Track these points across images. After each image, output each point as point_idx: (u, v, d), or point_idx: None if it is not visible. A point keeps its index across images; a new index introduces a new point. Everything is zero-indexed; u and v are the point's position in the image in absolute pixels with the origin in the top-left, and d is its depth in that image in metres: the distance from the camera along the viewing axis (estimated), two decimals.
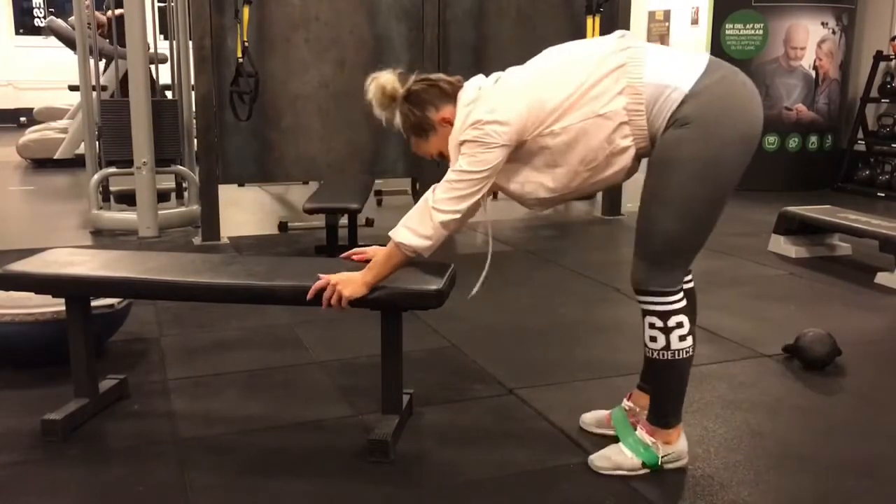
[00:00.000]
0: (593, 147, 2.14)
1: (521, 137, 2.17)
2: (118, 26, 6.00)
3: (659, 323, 2.20)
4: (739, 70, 2.19)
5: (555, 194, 2.24)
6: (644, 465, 2.31)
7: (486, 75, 2.32)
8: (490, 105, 2.17)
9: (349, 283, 2.30)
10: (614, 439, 2.41)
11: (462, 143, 2.19)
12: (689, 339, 2.22)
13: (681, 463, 2.34)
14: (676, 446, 2.32)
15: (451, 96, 2.28)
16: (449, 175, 2.21)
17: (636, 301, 2.26)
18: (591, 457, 2.37)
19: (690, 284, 2.43)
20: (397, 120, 2.35)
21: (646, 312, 2.22)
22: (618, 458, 2.33)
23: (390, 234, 2.26)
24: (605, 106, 2.11)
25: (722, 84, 2.12)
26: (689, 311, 2.26)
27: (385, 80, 2.33)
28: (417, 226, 2.24)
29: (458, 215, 2.20)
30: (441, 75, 2.36)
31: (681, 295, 2.22)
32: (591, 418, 2.57)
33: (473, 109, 2.19)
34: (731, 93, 2.13)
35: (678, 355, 2.21)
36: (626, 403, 2.50)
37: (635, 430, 2.36)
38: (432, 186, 2.25)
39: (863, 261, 4.89)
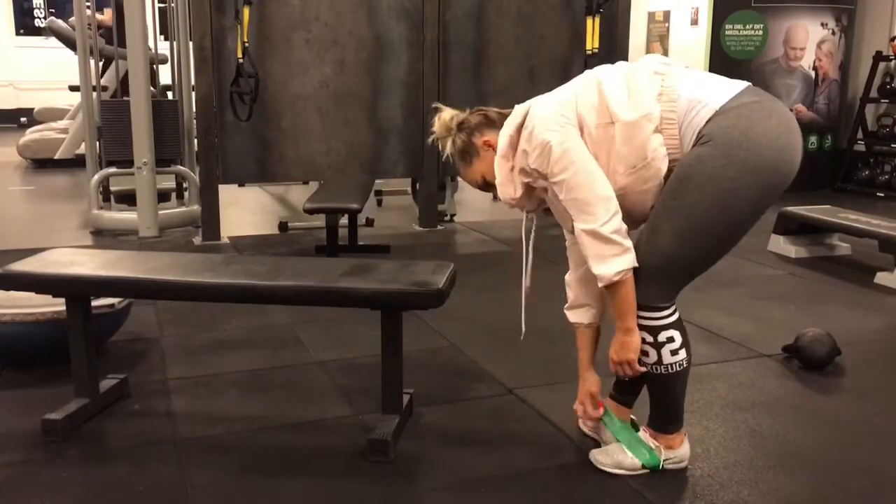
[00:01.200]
0: (635, 150, 2.10)
1: (577, 126, 2.15)
2: (118, 27, 6.01)
3: (649, 338, 2.18)
4: (780, 101, 2.15)
5: None
6: (644, 467, 2.31)
7: (487, 76, 2.34)
8: (540, 116, 2.17)
9: (623, 349, 2.20)
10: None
11: (536, 165, 2.15)
12: (682, 353, 2.20)
13: (681, 465, 2.36)
14: (679, 451, 2.34)
15: (497, 124, 2.31)
16: (566, 200, 2.13)
17: None
18: (593, 452, 2.38)
19: None
20: (449, 148, 2.38)
21: (639, 327, 2.19)
22: (619, 456, 2.33)
23: (600, 278, 2.12)
24: (642, 108, 2.09)
25: (753, 107, 2.06)
26: (683, 324, 2.24)
27: (446, 114, 2.39)
28: (604, 250, 2.09)
29: (617, 215, 2.09)
30: (496, 108, 2.40)
31: (672, 310, 2.20)
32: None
33: (526, 125, 2.19)
34: (762, 117, 2.05)
35: (671, 369, 2.21)
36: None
37: (631, 425, 2.39)
38: (575, 227, 2.15)
39: (863, 261, 4.89)
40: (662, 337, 2.17)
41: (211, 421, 2.69)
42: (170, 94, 6.82)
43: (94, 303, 2.85)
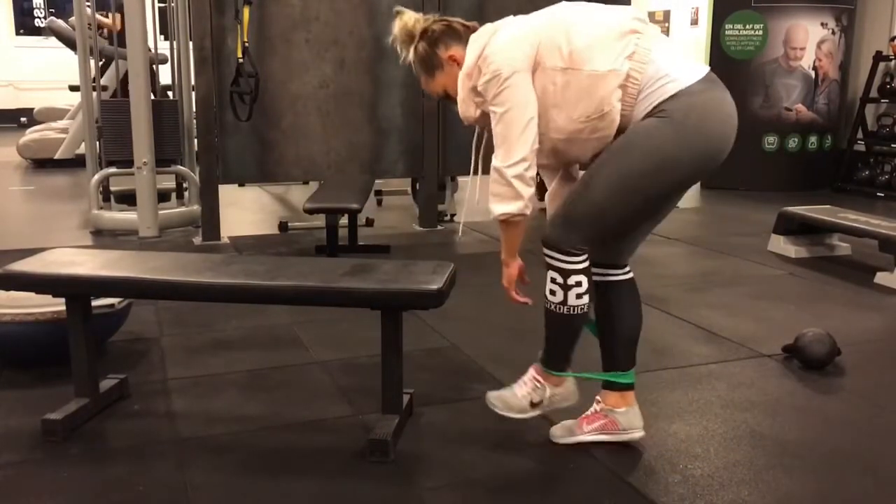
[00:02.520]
0: (594, 100, 2.16)
1: (532, 64, 2.18)
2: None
3: (559, 279, 2.28)
4: (728, 92, 2.25)
5: (560, 137, 2.24)
6: (532, 405, 2.44)
7: None
8: (500, 42, 2.22)
9: (504, 277, 2.42)
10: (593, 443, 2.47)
11: (482, 88, 2.21)
12: (586, 298, 2.31)
13: (568, 403, 2.49)
14: (560, 389, 2.47)
15: (462, 38, 2.34)
16: (494, 130, 2.23)
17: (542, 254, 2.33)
18: (489, 394, 2.53)
19: (630, 276, 2.47)
20: (411, 56, 2.39)
21: (548, 266, 2.30)
22: (509, 399, 2.48)
23: (491, 212, 2.27)
24: (613, 63, 2.13)
25: (713, 95, 2.18)
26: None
27: (408, 17, 2.38)
28: (502, 190, 2.22)
29: (525, 163, 2.19)
30: (460, 19, 2.41)
31: (584, 257, 2.28)
32: (562, 431, 2.54)
33: (487, 45, 2.22)
34: (717, 106, 2.18)
35: (573, 311, 2.31)
36: (596, 406, 2.51)
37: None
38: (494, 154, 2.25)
39: (862, 261, 4.90)
40: (572, 280, 2.27)
41: (211, 421, 2.69)
42: (170, 94, 6.82)
43: (94, 303, 2.85)
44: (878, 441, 2.57)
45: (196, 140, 5.82)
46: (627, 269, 2.47)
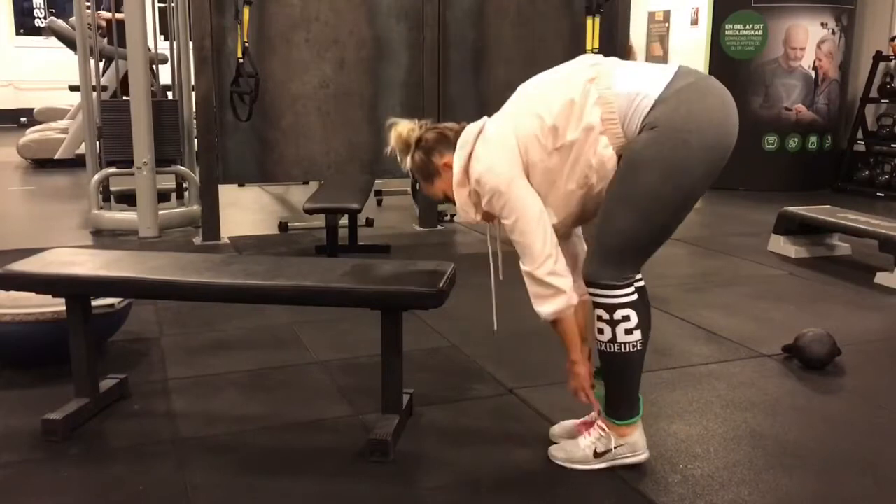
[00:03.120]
0: (582, 161, 2.18)
1: (524, 165, 2.23)
2: (118, 27, 6.01)
3: (605, 315, 2.25)
4: (713, 78, 2.23)
5: (566, 209, 2.27)
6: (596, 455, 2.34)
7: (487, 76, 2.35)
8: (485, 160, 2.24)
9: (571, 378, 2.40)
10: None
11: (487, 206, 2.26)
12: (637, 334, 2.25)
13: (638, 457, 2.36)
14: (629, 439, 2.35)
15: (453, 143, 2.35)
16: (511, 237, 2.27)
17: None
18: (551, 448, 2.44)
19: (640, 283, 2.44)
20: (408, 164, 2.43)
21: (595, 305, 2.28)
22: (570, 448, 2.40)
23: (539, 314, 2.28)
24: (583, 120, 2.15)
25: (689, 89, 2.16)
26: (642, 307, 2.30)
27: (402, 127, 2.41)
28: (540, 291, 2.25)
29: (552, 259, 2.22)
30: (450, 123, 2.43)
31: (630, 290, 2.25)
32: (562, 430, 2.55)
33: (473, 165, 2.26)
34: (698, 98, 2.15)
35: (625, 348, 2.26)
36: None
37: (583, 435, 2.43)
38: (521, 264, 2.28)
39: (863, 261, 4.90)
40: (618, 315, 2.23)
41: (211, 421, 2.69)
42: (169, 94, 6.82)
43: (94, 303, 2.85)
44: (878, 441, 2.57)
45: (196, 140, 5.82)
46: (640, 276, 2.46)
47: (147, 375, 3.08)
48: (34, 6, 14.06)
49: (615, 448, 2.34)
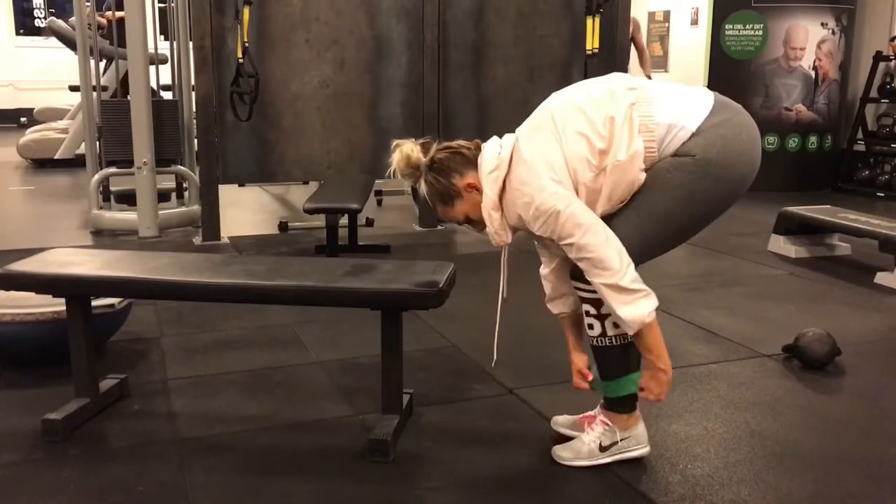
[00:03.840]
0: (625, 183, 2.16)
1: (573, 182, 2.17)
2: (118, 27, 6.01)
3: (593, 310, 2.27)
4: (746, 113, 2.24)
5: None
6: (602, 449, 2.34)
7: (487, 76, 2.33)
8: (535, 183, 2.15)
9: (659, 385, 2.21)
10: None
11: (541, 230, 2.18)
12: None
13: (640, 451, 2.37)
14: (634, 431, 2.36)
15: (472, 162, 2.28)
16: (576, 258, 2.16)
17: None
18: (555, 448, 2.42)
19: None
20: (423, 188, 2.34)
21: (582, 300, 2.28)
22: (577, 445, 2.39)
23: (630, 323, 2.14)
24: (630, 147, 2.12)
25: (727, 126, 2.16)
26: None
27: (408, 149, 2.31)
28: (628, 298, 2.13)
29: (632, 265, 2.14)
30: (461, 141, 2.35)
31: None
32: (565, 420, 2.56)
33: (521, 189, 2.18)
34: (735, 135, 2.17)
35: (616, 341, 2.27)
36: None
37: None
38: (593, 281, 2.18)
39: (863, 261, 4.90)
40: (605, 309, 2.23)
41: (211, 421, 2.69)
42: (168, 94, 6.81)
43: (94, 303, 2.85)
44: (878, 441, 2.57)
45: (196, 140, 5.82)
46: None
47: (147, 375, 3.08)
48: (34, 6, 14.06)
49: (621, 441, 2.35)
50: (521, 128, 2.30)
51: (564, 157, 2.16)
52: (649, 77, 7.03)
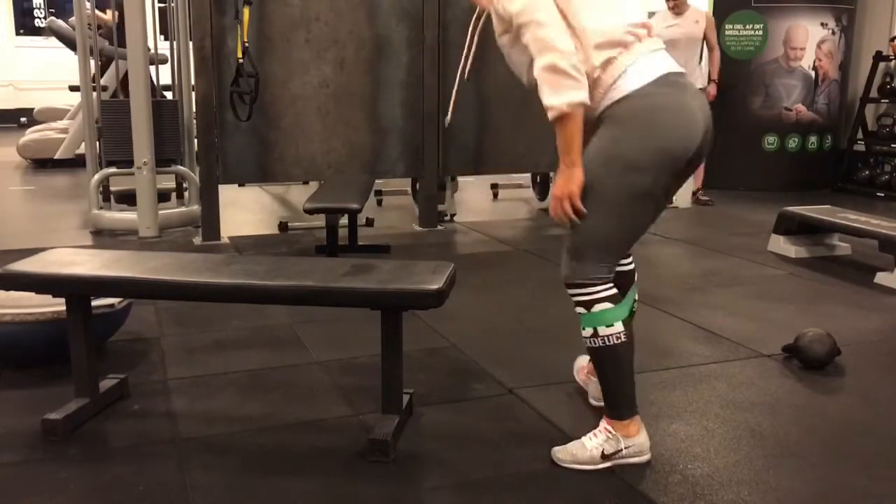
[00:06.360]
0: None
1: None
2: (118, 27, 6.01)
3: (585, 312, 2.28)
4: (691, 89, 2.24)
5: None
6: (604, 457, 2.33)
7: (487, 77, 2.34)
8: None
9: (566, 181, 2.19)
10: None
11: (512, 7, 2.22)
12: (618, 325, 2.27)
13: (643, 458, 2.37)
14: (637, 439, 2.36)
15: None
16: (531, 41, 2.17)
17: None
18: (554, 449, 2.41)
19: (630, 266, 2.50)
20: None
21: (575, 304, 2.31)
22: (576, 451, 2.38)
23: (550, 109, 2.13)
24: (607, 53, 2.16)
25: (655, 97, 2.17)
26: (622, 299, 2.33)
27: None
28: (561, 81, 2.11)
29: (575, 55, 2.12)
30: None
31: (607, 285, 2.28)
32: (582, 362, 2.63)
33: None
34: (665, 105, 2.17)
35: (608, 341, 2.27)
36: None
37: None
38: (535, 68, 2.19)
39: (862, 261, 4.90)
40: (597, 309, 2.25)
41: (211, 421, 2.69)
42: (168, 94, 6.82)
43: (94, 303, 2.85)
44: (878, 441, 2.57)
45: (196, 140, 5.82)
46: (630, 258, 2.48)
47: (147, 375, 3.08)
48: (34, 6, 14.06)
49: (625, 449, 2.34)
50: None
51: None
52: (715, 81, 6.76)
